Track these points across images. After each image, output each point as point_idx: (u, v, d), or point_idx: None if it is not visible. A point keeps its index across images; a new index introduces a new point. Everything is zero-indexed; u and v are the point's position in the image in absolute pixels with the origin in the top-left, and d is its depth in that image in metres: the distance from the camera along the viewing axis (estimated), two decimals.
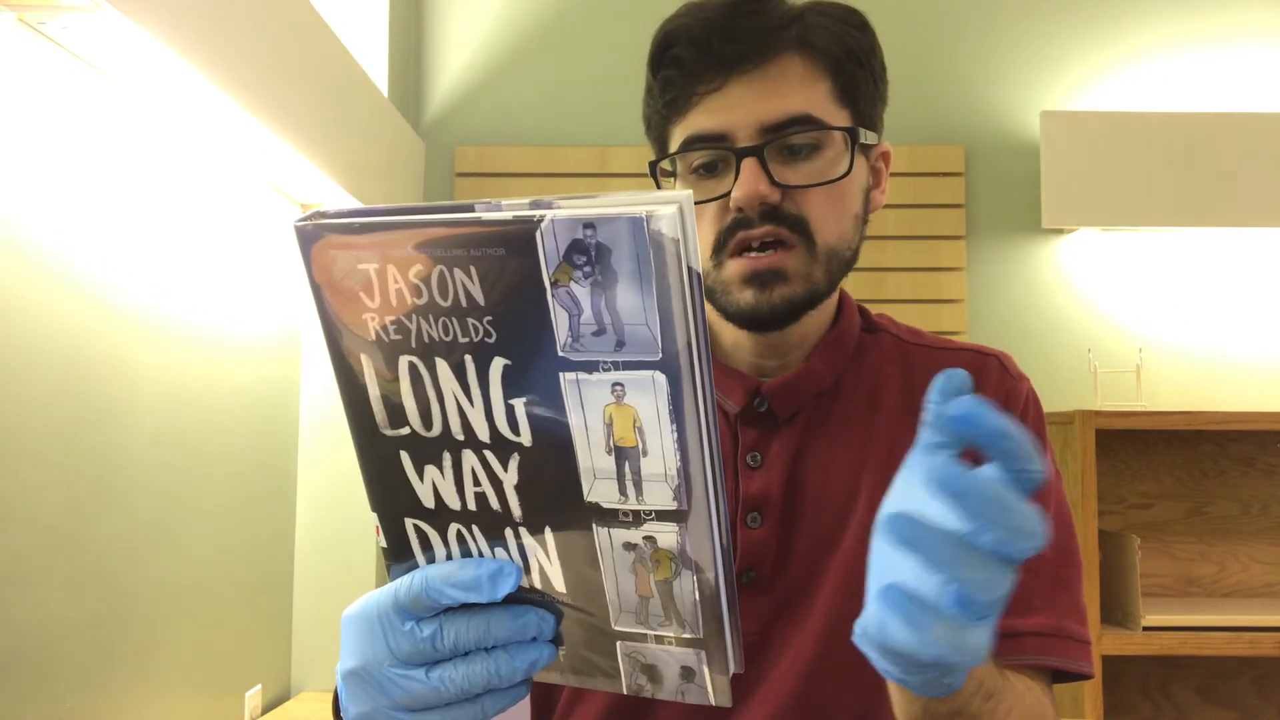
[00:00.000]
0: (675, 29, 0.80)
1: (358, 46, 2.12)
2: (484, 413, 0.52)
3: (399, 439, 0.54)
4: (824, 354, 0.86)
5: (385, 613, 0.54)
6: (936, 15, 2.41)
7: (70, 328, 1.24)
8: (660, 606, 0.54)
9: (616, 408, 0.50)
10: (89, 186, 1.29)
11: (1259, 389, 2.32)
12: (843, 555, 0.81)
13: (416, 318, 0.51)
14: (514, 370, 0.51)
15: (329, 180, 1.73)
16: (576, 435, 0.51)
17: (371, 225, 0.50)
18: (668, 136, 0.83)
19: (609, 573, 0.54)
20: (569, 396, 0.50)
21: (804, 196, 0.78)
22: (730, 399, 0.85)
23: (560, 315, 0.48)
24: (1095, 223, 2.26)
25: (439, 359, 0.52)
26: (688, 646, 0.55)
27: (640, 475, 0.51)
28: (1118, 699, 2.20)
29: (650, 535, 0.52)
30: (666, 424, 0.49)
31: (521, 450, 0.52)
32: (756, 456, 0.84)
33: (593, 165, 2.35)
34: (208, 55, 1.27)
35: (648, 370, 0.48)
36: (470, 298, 0.50)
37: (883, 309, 0.96)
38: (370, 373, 0.54)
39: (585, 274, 0.47)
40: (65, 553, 1.23)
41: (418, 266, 0.50)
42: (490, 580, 0.53)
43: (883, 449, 0.84)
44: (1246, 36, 2.38)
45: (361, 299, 0.52)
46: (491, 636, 0.54)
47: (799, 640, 0.81)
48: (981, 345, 0.91)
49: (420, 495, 0.56)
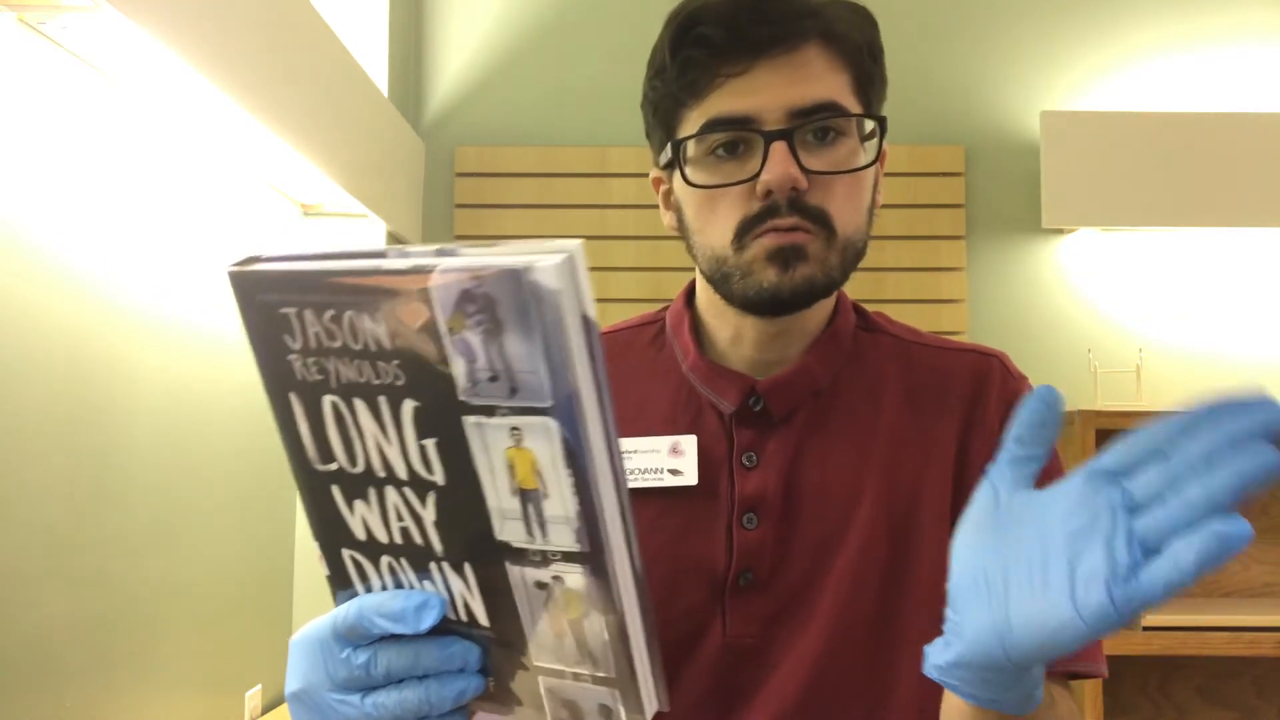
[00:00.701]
0: (700, 8, 0.78)
1: (358, 46, 2.12)
2: (400, 451, 0.54)
3: (330, 474, 0.57)
4: (819, 351, 0.86)
5: (325, 639, 0.57)
6: (937, 15, 2.41)
7: (70, 328, 1.24)
8: (574, 644, 0.55)
9: (516, 451, 0.51)
10: (89, 186, 1.29)
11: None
12: (845, 556, 0.81)
13: (334, 360, 0.54)
14: (424, 412, 0.52)
15: (329, 180, 1.73)
16: (483, 476, 0.52)
17: (292, 271, 0.53)
18: (679, 121, 0.81)
19: (525, 609, 0.55)
20: (473, 439, 0.52)
21: (826, 186, 0.78)
22: (725, 399, 0.84)
23: (458, 361, 0.50)
24: (1095, 223, 2.26)
25: (356, 399, 0.54)
26: (602, 685, 0.56)
27: (544, 517, 0.52)
28: (1118, 699, 2.20)
29: (558, 575, 0.53)
30: (563, 468, 0.50)
31: (437, 489, 0.54)
32: (752, 456, 0.83)
33: (593, 165, 2.35)
34: (208, 55, 1.27)
35: (540, 416, 0.49)
36: (379, 342, 0.52)
37: (883, 309, 0.96)
38: (300, 410, 0.56)
39: (477, 322, 0.48)
40: (65, 553, 1.23)
41: (332, 311, 0.52)
42: (415, 612, 0.55)
43: (885, 449, 0.83)
44: (1246, 36, 2.38)
45: (286, 341, 0.54)
46: (421, 666, 0.56)
47: (802, 643, 0.80)
48: (980, 345, 0.91)
49: (353, 528, 0.58)
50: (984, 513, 0.53)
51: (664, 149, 0.83)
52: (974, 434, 0.84)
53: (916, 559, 0.81)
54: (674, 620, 0.81)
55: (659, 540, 0.82)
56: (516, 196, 2.37)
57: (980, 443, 0.84)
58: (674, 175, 0.82)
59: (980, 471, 0.82)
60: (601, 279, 2.34)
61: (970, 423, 0.84)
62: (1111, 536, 0.46)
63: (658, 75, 0.82)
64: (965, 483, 0.83)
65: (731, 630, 0.81)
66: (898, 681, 0.80)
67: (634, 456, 0.84)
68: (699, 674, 0.81)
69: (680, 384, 0.87)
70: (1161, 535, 0.45)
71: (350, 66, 1.86)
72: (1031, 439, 0.51)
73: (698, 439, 0.84)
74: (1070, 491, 0.48)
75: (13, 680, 1.12)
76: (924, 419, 0.85)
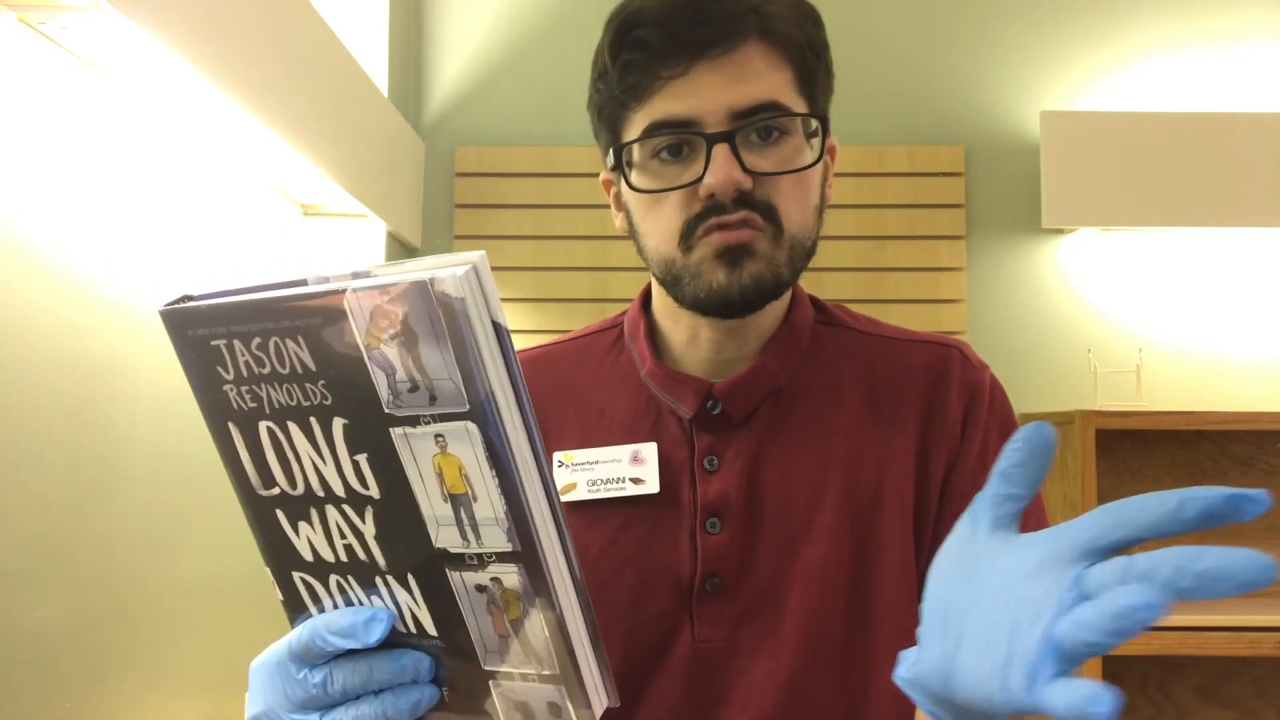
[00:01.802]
0: (638, 10, 0.77)
1: (358, 46, 2.12)
2: (336, 470, 0.56)
3: (273, 498, 0.59)
4: (776, 349, 0.85)
5: (282, 661, 0.59)
6: (937, 15, 2.41)
7: (70, 328, 1.24)
8: (518, 645, 0.57)
9: (443, 457, 0.53)
10: (89, 186, 1.29)
11: (1259, 389, 2.32)
12: (810, 556, 0.80)
13: (265, 385, 0.56)
14: (353, 428, 0.55)
15: (329, 180, 1.73)
16: (415, 485, 0.54)
17: (220, 304, 0.56)
18: (624, 124, 0.80)
19: (469, 614, 0.57)
20: (402, 450, 0.54)
21: (772, 184, 0.77)
22: (683, 404, 0.84)
23: (379, 375, 0.52)
24: (1095, 223, 2.27)
25: (290, 422, 0.56)
26: (549, 683, 0.58)
27: (475, 520, 0.54)
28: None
29: (496, 577, 0.55)
30: (487, 470, 0.52)
31: (374, 502, 0.56)
32: (714, 460, 0.83)
33: (593, 165, 2.35)
34: (208, 55, 1.27)
35: (460, 421, 0.51)
36: (304, 365, 0.54)
37: (883, 309, 0.96)
38: (239, 439, 0.59)
39: (391, 336, 0.51)
40: (65, 553, 1.23)
41: (258, 339, 0.55)
42: (364, 626, 0.57)
43: (846, 447, 0.83)
44: (1246, 36, 2.38)
45: (220, 372, 0.57)
46: (375, 680, 0.57)
47: (772, 647, 0.79)
48: (939, 335, 0.90)
49: (300, 550, 0.60)
50: (959, 547, 0.51)
51: (609, 152, 0.82)
52: (935, 427, 0.84)
53: (881, 556, 0.81)
54: (643, 627, 0.81)
55: (624, 549, 0.82)
56: (516, 196, 2.37)
57: (942, 435, 0.83)
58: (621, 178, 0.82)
59: (942, 465, 0.82)
60: (601, 279, 2.35)
61: (931, 416, 0.84)
62: (1051, 621, 0.43)
63: (601, 78, 0.81)
64: (927, 477, 0.83)
65: (700, 635, 0.80)
66: (874, 680, 0.80)
67: (595, 467, 0.84)
68: (671, 680, 0.81)
69: (639, 390, 0.87)
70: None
71: (350, 66, 1.86)
72: (1016, 478, 0.48)
73: (658, 446, 0.83)
74: (1039, 553, 0.45)
75: (12, 680, 1.12)
76: (884, 414, 0.84)
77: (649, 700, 0.81)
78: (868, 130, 2.37)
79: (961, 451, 0.83)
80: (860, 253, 2.29)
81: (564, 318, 2.33)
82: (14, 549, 1.13)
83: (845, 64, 0.88)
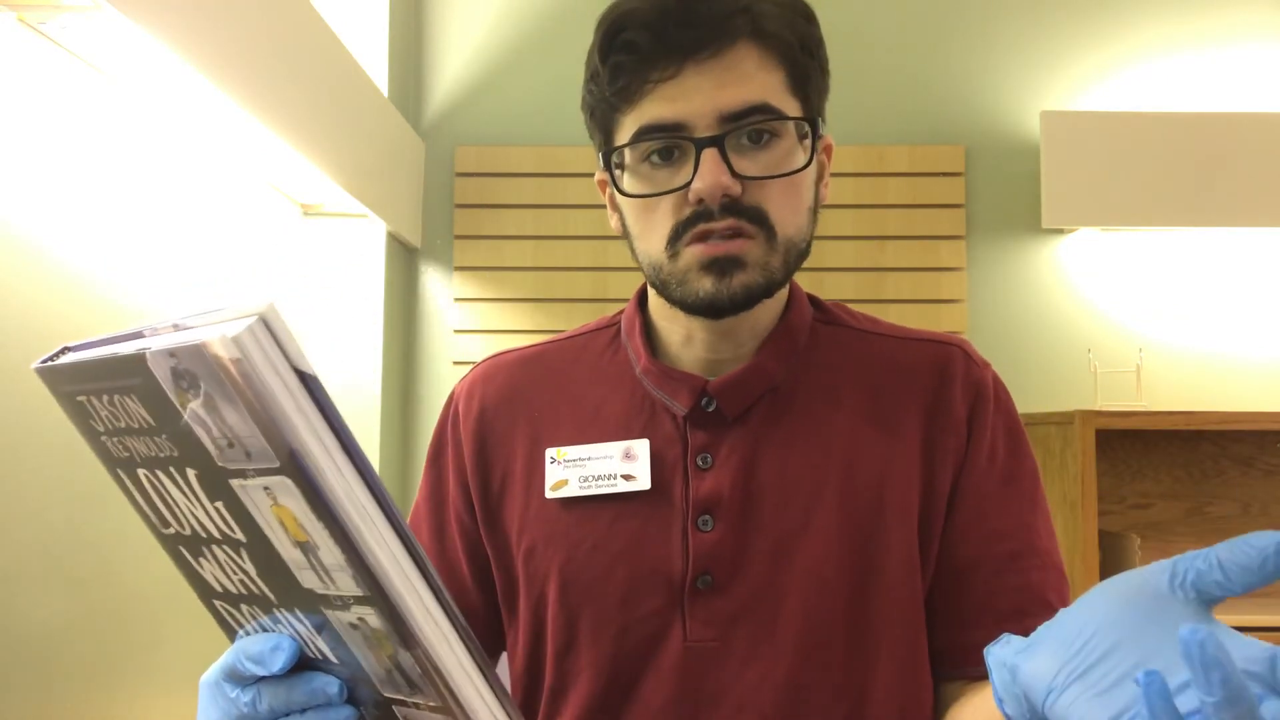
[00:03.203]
0: (626, 13, 0.76)
1: (358, 46, 2.12)
2: (206, 514, 0.56)
3: (173, 537, 0.60)
4: (772, 348, 0.84)
5: (217, 681, 0.62)
6: (937, 15, 2.41)
7: (70, 328, 1.24)
8: (401, 677, 0.57)
9: (278, 508, 0.51)
10: (89, 186, 1.29)
11: (1259, 389, 2.32)
12: (808, 556, 0.79)
13: (128, 438, 0.55)
14: (203, 478, 0.53)
15: (329, 180, 1.73)
16: (267, 532, 0.53)
17: (74, 363, 0.55)
18: (615, 126, 0.80)
19: (355, 648, 0.57)
20: (244, 499, 0.52)
21: (762, 188, 0.76)
22: (677, 401, 0.83)
23: (199, 431, 0.50)
24: (1095, 223, 2.27)
25: (158, 470, 0.55)
26: (438, 713, 0.57)
27: (324, 565, 0.52)
28: None
29: (361, 617, 0.54)
30: (315, 521, 0.50)
31: (244, 545, 0.55)
32: (707, 458, 0.82)
33: (592, 165, 2.33)
34: (208, 55, 1.27)
35: (276, 475, 0.49)
36: (145, 420, 0.53)
37: (883, 309, 0.96)
38: (129, 483, 0.59)
39: (194, 396, 0.49)
40: (65, 553, 1.23)
41: (106, 396, 0.54)
42: (270, 654, 0.59)
43: (845, 446, 0.82)
44: (1246, 36, 2.38)
45: (93, 425, 0.57)
46: (294, 701, 0.60)
47: (770, 649, 0.79)
48: (940, 334, 0.89)
49: (210, 582, 0.61)
50: (1144, 586, 0.49)
51: (601, 155, 0.82)
52: (939, 426, 0.83)
53: (884, 557, 0.80)
54: (633, 625, 0.81)
55: (615, 546, 0.81)
56: (516, 196, 2.37)
57: (946, 435, 0.83)
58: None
59: (949, 466, 0.82)
60: (600, 279, 2.35)
61: (934, 415, 0.83)
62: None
63: (592, 80, 0.81)
64: (934, 478, 0.82)
65: (692, 634, 0.80)
66: (876, 682, 0.79)
67: (587, 464, 0.84)
68: (662, 679, 0.80)
69: (634, 388, 0.86)
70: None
71: (350, 66, 1.86)
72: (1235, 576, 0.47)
73: (651, 442, 0.83)
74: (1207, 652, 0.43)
75: (13, 680, 1.12)
76: (885, 414, 0.83)
77: (639, 699, 0.80)
78: (868, 130, 2.37)
79: (969, 453, 0.83)
80: (860, 253, 2.29)
81: (564, 318, 2.33)
82: (14, 549, 1.13)
83: (845, 64, 0.88)
